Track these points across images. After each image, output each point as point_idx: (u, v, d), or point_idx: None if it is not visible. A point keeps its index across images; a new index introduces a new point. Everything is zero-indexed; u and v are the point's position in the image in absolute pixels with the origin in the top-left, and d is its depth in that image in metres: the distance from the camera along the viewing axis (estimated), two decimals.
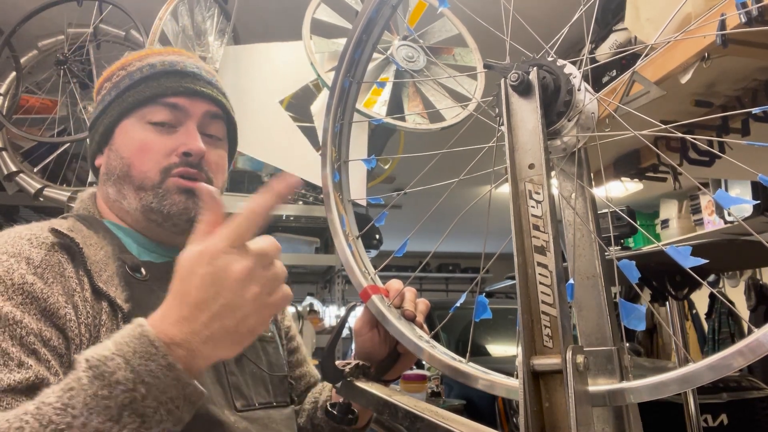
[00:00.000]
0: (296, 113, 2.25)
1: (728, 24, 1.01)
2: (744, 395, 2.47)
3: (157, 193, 0.84)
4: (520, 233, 0.59)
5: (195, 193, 0.86)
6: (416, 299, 0.85)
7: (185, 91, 0.88)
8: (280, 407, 0.90)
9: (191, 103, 0.88)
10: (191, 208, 0.85)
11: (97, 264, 0.76)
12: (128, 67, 0.90)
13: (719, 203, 0.65)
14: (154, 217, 0.85)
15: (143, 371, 0.53)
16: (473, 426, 0.65)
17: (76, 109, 2.41)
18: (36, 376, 0.63)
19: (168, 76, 0.88)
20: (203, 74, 0.92)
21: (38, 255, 0.72)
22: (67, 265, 0.73)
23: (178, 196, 0.85)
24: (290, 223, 3.01)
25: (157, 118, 0.86)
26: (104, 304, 0.74)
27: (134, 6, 2.18)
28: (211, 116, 0.91)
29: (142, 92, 0.87)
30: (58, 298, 0.69)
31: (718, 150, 1.49)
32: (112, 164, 0.87)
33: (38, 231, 0.76)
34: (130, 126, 0.87)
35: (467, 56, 2.09)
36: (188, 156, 0.85)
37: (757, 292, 4.12)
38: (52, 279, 0.71)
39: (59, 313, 0.69)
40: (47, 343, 0.66)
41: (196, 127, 0.88)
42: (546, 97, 0.63)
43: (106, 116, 0.89)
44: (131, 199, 0.85)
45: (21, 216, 2.90)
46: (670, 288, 1.73)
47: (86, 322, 0.71)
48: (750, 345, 0.47)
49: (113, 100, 0.88)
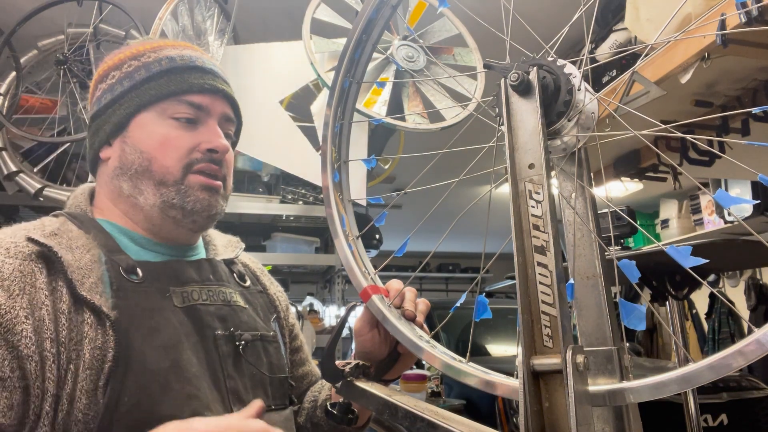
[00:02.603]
0: (296, 113, 2.25)
1: (728, 24, 1.01)
2: (744, 395, 2.47)
3: (180, 189, 0.83)
4: (520, 233, 0.59)
5: (216, 190, 0.86)
6: (416, 299, 0.85)
7: (210, 89, 0.87)
8: (279, 410, 0.89)
9: (212, 101, 0.87)
10: (213, 205, 0.85)
11: (80, 270, 0.73)
12: (142, 57, 0.87)
13: (719, 203, 0.65)
14: (173, 213, 0.83)
15: None
16: (473, 426, 0.65)
17: (76, 109, 2.40)
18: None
19: (190, 72, 0.87)
20: (220, 72, 0.91)
21: (11, 266, 0.69)
22: (39, 275, 0.70)
23: (201, 192, 0.84)
24: (290, 223, 3.01)
25: (181, 114, 0.85)
26: (87, 315, 0.71)
27: (134, 6, 2.18)
28: (227, 116, 0.90)
29: (165, 86, 0.85)
30: (18, 313, 0.67)
31: (718, 150, 1.50)
32: (128, 158, 0.84)
33: (20, 237, 0.73)
34: (150, 120, 0.84)
35: (467, 56, 2.10)
36: (213, 153, 0.85)
37: (757, 292, 4.12)
38: (19, 291, 0.68)
39: (14, 329, 0.66)
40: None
41: (217, 125, 0.88)
42: (546, 97, 0.63)
43: (119, 107, 0.85)
44: (149, 194, 0.83)
45: (21, 216, 2.90)
46: (670, 288, 1.73)
47: (53, 337, 0.68)
48: (750, 345, 0.47)
49: (127, 91, 0.85)
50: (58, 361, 0.68)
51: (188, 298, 0.82)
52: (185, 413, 0.71)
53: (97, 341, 0.70)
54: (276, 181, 2.92)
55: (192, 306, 0.81)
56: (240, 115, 0.95)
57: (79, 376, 0.68)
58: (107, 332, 0.71)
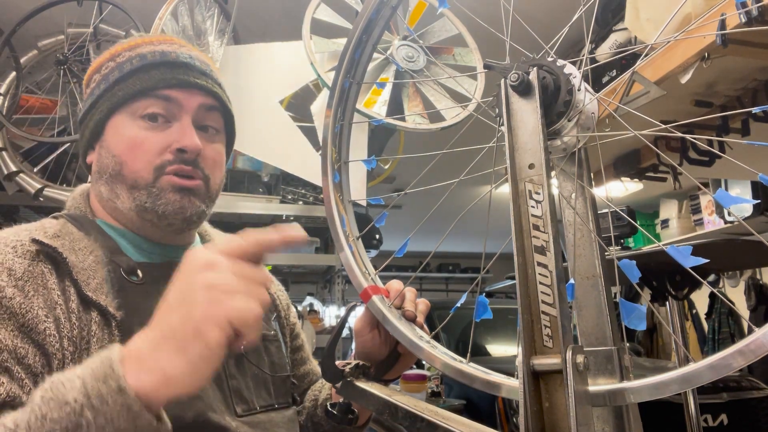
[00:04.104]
0: (296, 113, 2.25)
1: (728, 24, 1.01)
2: (744, 395, 2.47)
3: (151, 192, 0.80)
4: (520, 233, 0.59)
5: (191, 191, 0.83)
6: (416, 299, 0.85)
7: (178, 83, 0.83)
8: (282, 409, 0.89)
9: (185, 96, 0.83)
10: (187, 207, 0.82)
11: (84, 271, 0.73)
12: (117, 57, 0.85)
13: (719, 203, 0.65)
14: (148, 216, 0.82)
15: (93, 394, 0.49)
16: (473, 426, 0.65)
17: (76, 109, 2.41)
18: (8, 393, 0.60)
19: (159, 68, 0.83)
20: (197, 64, 0.87)
21: (21, 266, 0.69)
22: (50, 276, 0.71)
23: (173, 195, 0.81)
24: (290, 223, 3.00)
25: (150, 112, 0.82)
26: (94, 314, 0.71)
27: (134, 6, 2.18)
28: (206, 108, 0.86)
29: (132, 86, 0.82)
30: (37, 312, 0.67)
31: (718, 150, 1.50)
32: (104, 162, 0.83)
33: (24, 237, 0.73)
34: (121, 122, 0.82)
35: (467, 56, 2.10)
36: (183, 153, 0.81)
37: (757, 292, 4.12)
38: (33, 292, 0.68)
39: (38, 328, 0.66)
40: (21, 360, 0.64)
41: (191, 121, 0.84)
42: (546, 97, 0.63)
43: (95, 111, 0.84)
44: (124, 198, 0.81)
45: (21, 216, 2.90)
46: (670, 288, 1.73)
47: (69, 335, 0.68)
48: (750, 345, 0.47)
49: (102, 94, 0.84)
50: (73, 360, 0.68)
51: None
52: (188, 414, 0.72)
53: (104, 341, 0.70)
54: (276, 181, 2.92)
55: None
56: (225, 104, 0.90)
57: None
58: (113, 332, 0.71)
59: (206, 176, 0.85)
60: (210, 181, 0.86)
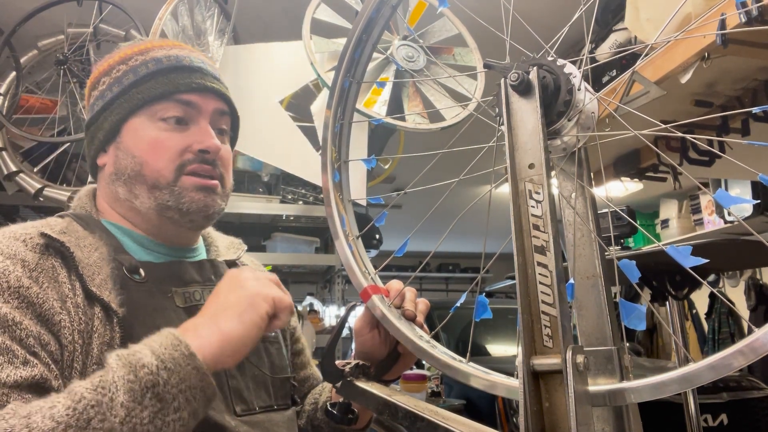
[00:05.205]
0: (296, 113, 2.25)
1: (728, 24, 1.01)
2: (744, 395, 2.47)
3: (173, 191, 0.83)
4: (520, 233, 0.59)
5: (212, 190, 0.86)
6: (416, 299, 0.85)
7: (197, 87, 0.87)
8: (282, 410, 0.89)
9: (203, 100, 0.87)
10: (210, 205, 0.86)
11: (90, 267, 0.74)
12: (129, 61, 0.87)
13: (719, 203, 0.65)
14: (170, 214, 0.84)
15: (167, 358, 0.60)
16: (473, 426, 0.65)
17: (76, 109, 2.41)
18: (41, 375, 0.62)
19: (176, 72, 0.86)
20: (209, 69, 0.90)
21: (33, 258, 0.71)
22: (60, 270, 0.72)
23: (196, 194, 0.84)
24: (290, 223, 3.01)
25: (170, 115, 0.85)
26: (97, 309, 0.72)
27: (134, 6, 2.18)
28: (220, 113, 0.90)
29: (152, 89, 0.85)
30: (53, 304, 0.68)
31: (718, 150, 1.49)
32: (122, 163, 0.85)
33: (32, 231, 0.75)
34: (140, 124, 0.85)
35: (467, 56, 2.10)
36: (205, 153, 0.85)
37: (757, 292, 4.12)
38: (47, 284, 0.70)
39: (54, 319, 0.68)
40: (45, 347, 0.66)
41: (208, 124, 0.87)
42: (546, 97, 0.63)
43: (110, 113, 0.86)
44: (144, 198, 0.83)
45: (21, 216, 2.90)
46: (670, 288, 1.73)
47: (79, 329, 0.70)
48: (750, 344, 0.47)
49: (117, 97, 0.86)
50: (81, 354, 0.69)
51: (190, 299, 0.83)
52: None
53: (105, 336, 0.71)
54: (276, 181, 2.92)
55: (194, 306, 0.82)
56: (234, 108, 0.94)
57: (87, 371, 0.68)
58: (114, 328, 0.72)
59: (222, 176, 0.88)
60: (225, 180, 0.89)
